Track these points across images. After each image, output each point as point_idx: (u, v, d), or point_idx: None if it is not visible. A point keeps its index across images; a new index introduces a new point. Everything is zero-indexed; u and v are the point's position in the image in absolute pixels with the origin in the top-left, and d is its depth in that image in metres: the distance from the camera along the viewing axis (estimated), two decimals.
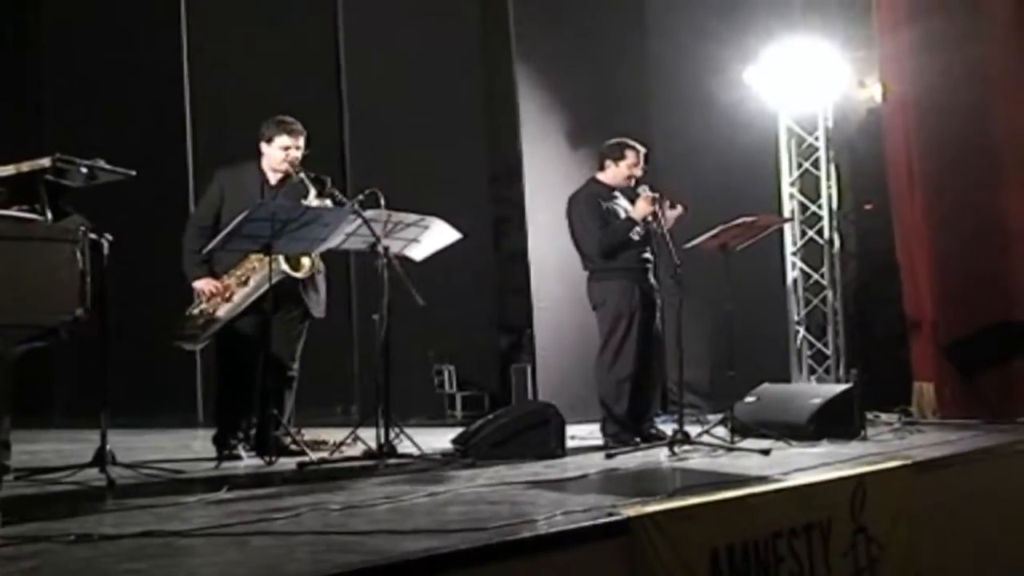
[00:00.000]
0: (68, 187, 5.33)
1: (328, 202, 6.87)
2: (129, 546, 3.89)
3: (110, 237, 5.80)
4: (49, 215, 5.06)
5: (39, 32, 11.84)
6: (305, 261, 6.90)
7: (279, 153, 7.01)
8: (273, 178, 7.10)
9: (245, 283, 6.89)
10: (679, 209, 7.46)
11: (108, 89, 11.06)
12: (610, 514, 4.44)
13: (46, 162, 5.15)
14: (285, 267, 6.76)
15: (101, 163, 5.43)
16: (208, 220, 7.03)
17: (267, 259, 6.68)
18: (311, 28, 11.05)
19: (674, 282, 7.25)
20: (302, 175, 6.95)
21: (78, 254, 4.96)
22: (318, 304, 7.14)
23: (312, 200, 6.83)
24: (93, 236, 5.38)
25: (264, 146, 7.07)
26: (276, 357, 6.92)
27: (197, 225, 7.07)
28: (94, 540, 3.96)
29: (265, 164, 7.11)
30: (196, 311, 6.96)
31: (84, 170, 5.33)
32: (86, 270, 4.99)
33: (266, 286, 6.74)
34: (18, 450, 5.60)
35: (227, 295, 6.90)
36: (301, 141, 7.04)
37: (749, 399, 8.03)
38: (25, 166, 5.16)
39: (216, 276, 6.96)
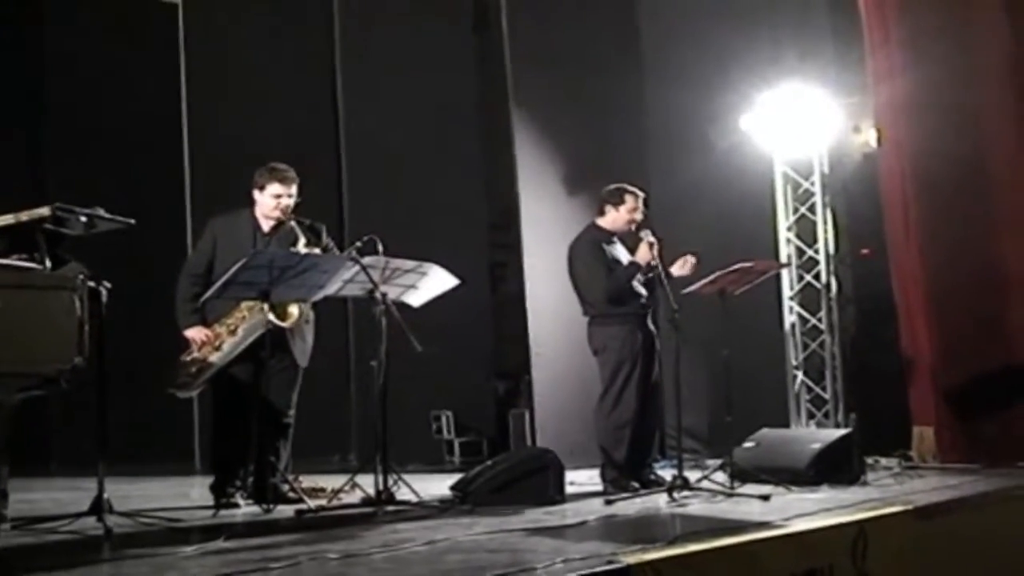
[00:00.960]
0: (67, 235, 5.33)
1: (317, 251, 6.87)
2: None
3: (108, 285, 5.80)
4: (48, 263, 5.06)
5: (39, 81, 11.86)
6: (293, 310, 6.88)
7: (271, 201, 7.03)
8: (266, 225, 7.11)
9: (234, 332, 6.90)
10: (690, 261, 7.48)
11: (107, 137, 11.07)
12: (610, 561, 4.42)
13: (45, 211, 5.17)
14: (271, 316, 6.74)
15: (100, 212, 5.44)
16: (200, 269, 7.05)
17: (255, 309, 6.70)
18: (309, 74, 11.09)
19: (672, 327, 7.27)
20: (292, 223, 6.96)
21: (77, 302, 4.97)
22: (303, 353, 7.13)
23: (301, 248, 6.83)
24: (92, 284, 5.39)
25: (256, 194, 7.10)
26: (271, 404, 6.91)
27: (190, 274, 7.09)
28: None
29: (258, 211, 7.13)
30: (188, 359, 6.96)
31: (83, 219, 5.34)
32: (84, 318, 4.99)
33: (253, 336, 6.77)
34: (15, 499, 5.59)
35: (217, 344, 6.90)
36: (293, 189, 7.06)
37: (748, 444, 8.01)
38: (24, 215, 5.18)
39: (207, 324, 6.96)
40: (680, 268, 7.53)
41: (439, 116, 10.50)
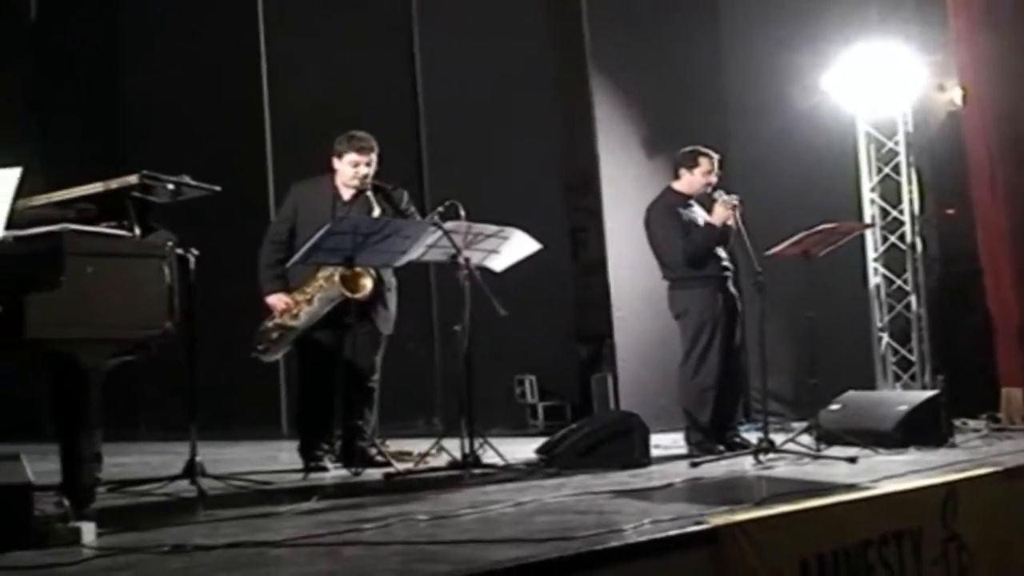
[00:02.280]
0: (155, 203, 5.38)
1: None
2: (222, 556, 3.93)
3: (196, 252, 5.89)
4: (137, 231, 5.11)
5: (120, 51, 12.00)
6: (365, 283, 6.89)
7: (349, 169, 7.09)
8: (346, 193, 7.17)
9: (310, 302, 6.96)
10: (731, 202, 7.40)
11: (190, 106, 11.19)
12: (698, 523, 4.41)
13: (133, 179, 5.20)
14: (342, 289, 6.79)
15: (187, 179, 5.48)
16: (283, 235, 7.14)
17: (331, 279, 6.77)
18: (387, 41, 11.10)
19: (756, 289, 7.22)
20: (368, 192, 7.00)
21: (166, 269, 5.01)
22: (387, 321, 7.18)
23: (375, 215, 6.87)
24: (179, 251, 5.45)
25: (336, 161, 7.16)
26: (355, 369, 6.97)
27: (272, 240, 7.18)
28: (188, 551, 4.01)
29: (338, 179, 7.18)
30: (270, 324, 7.04)
31: (170, 186, 5.37)
32: (173, 285, 5.04)
33: (329, 306, 6.88)
34: (108, 462, 5.64)
35: (295, 312, 6.96)
36: (372, 157, 7.10)
37: (834, 407, 7.94)
38: (113, 183, 5.22)
39: (289, 291, 7.05)
40: (722, 211, 7.43)
41: (517, 81, 10.47)
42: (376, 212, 6.91)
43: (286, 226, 7.17)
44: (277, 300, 7.04)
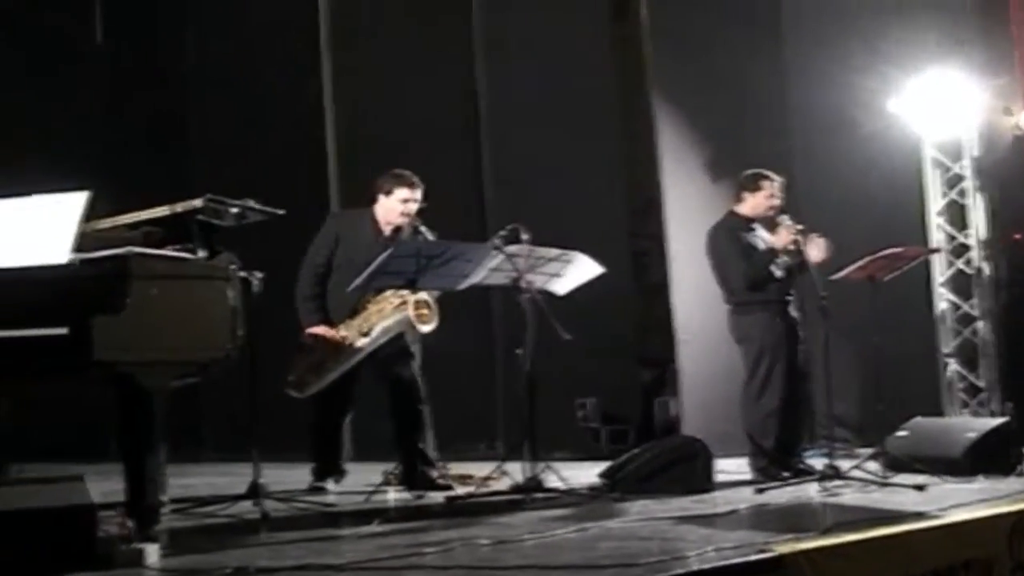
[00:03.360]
0: (219, 226, 5.42)
1: None
2: None
3: (259, 274, 5.92)
4: (202, 253, 5.15)
5: (186, 74, 12.12)
6: (428, 314, 6.93)
7: (399, 206, 7.13)
8: (387, 230, 7.22)
9: (367, 333, 6.94)
10: (821, 243, 7.34)
11: (255, 130, 11.28)
12: (762, 550, 4.36)
13: (199, 202, 5.25)
14: (415, 322, 6.82)
15: (251, 203, 5.53)
16: (323, 267, 7.17)
17: (387, 309, 6.80)
18: (449, 66, 11.12)
19: (820, 314, 7.15)
20: (421, 227, 7.05)
21: (229, 291, 5.05)
22: (418, 351, 7.19)
23: None
24: (243, 274, 5.49)
25: (382, 198, 7.20)
26: (400, 391, 7.02)
27: (313, 271, 7.19)
28: (251, 573, 4.01)
29: (380, 215, 7.22)
30: (311, 358, 7.02)
31: (235, 210, 5.43)
32: (237, 307, 5.07)
33: (387, 337, 6.91)
34: (172, 483, 5.69)
35: (348, 343, 6.94)
36: (419, 194, 7.15)
37: (901, 433, 7.83)
38: (179, 207, 5.27)
39: (330, 323, 7.02)
40: (816, 252, 7.38)
41: (578, 104, 10.45)
42: None
43: (326, 255, 7.19)
44: (324, 331, 7.01)
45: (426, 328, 6.93)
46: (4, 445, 5.19)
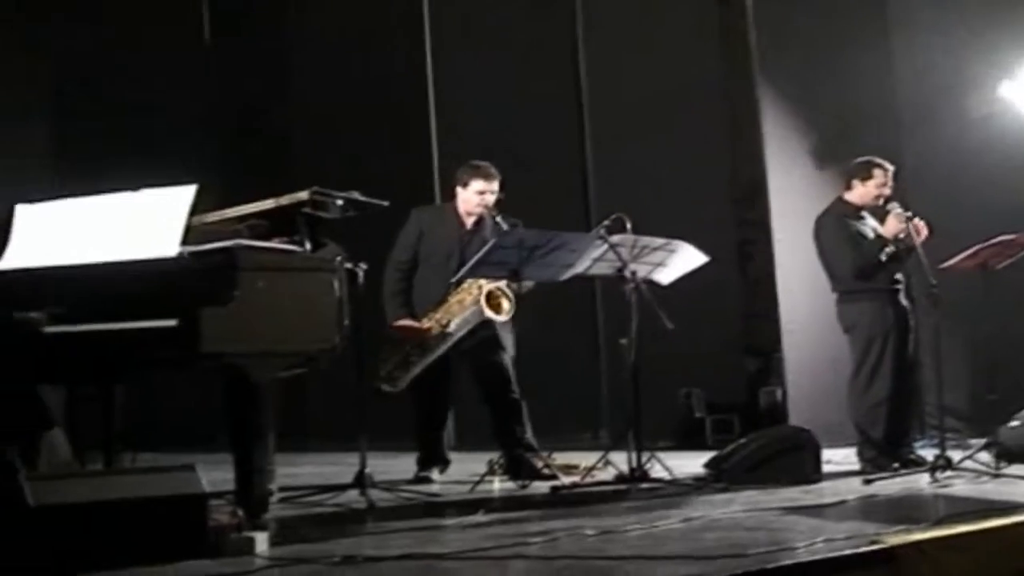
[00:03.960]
0: (324, 219, 5.47)
1: None
2: (392, 568, 3.97)
3: (364, 266, 5.97)
4: (308, 246, 5.20)
5: (290, 69, 12.24)
6: (505, 304, 6.95)
7: (475, 197, 7.17)
8: (468, 222, 7.26)
9: (446, 325, 6.98)
10: (920, 226, 7.22)
11: (359, 123, 11.36)
12: (873, 541, 4.30)
13: (304, 195, 5.31)
14: (488, 312, 6.85)
15: (356, 195, 5.57)
16: (408, 262, 7.25)
17: (467, 301, 6.86)
18: (554, 55, 11.12)
19: (931, 303, 7.03)
20: (497, 218, 7.06)
21: (335, 283, 5.09)
22: (512, 344, 7.22)
23: None
24: (349, 265, 5.54)
25: (460, 190, 7.27)
26: (493, 384, 7.06)
27: (397, 267, 7.27)
28: (358, 562, 4.04)
29: (460, 207, 7.28)
30: (397, 353, 7.08)
31: (340, 202, 5.47)
32: (343, 298, 5.11)
33: (466, 329, 6.97)
34: (279, 472, 5.79)
35: (430, 336, 6.99)
36: (495, 185, 7.19)
37: (1014, 423, 7.66)
38: (284, 199, 5.33)
39: (415, 317, 7.08)
40: (895, 223, 7.25)
41: (684, 93, 10.39)
42: None
43: (410, 251, 7.28)
44: (408, 324, 7.08)
45: (500, 318, 6.96)
46: (117, 435, 5.27)
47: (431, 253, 7.14)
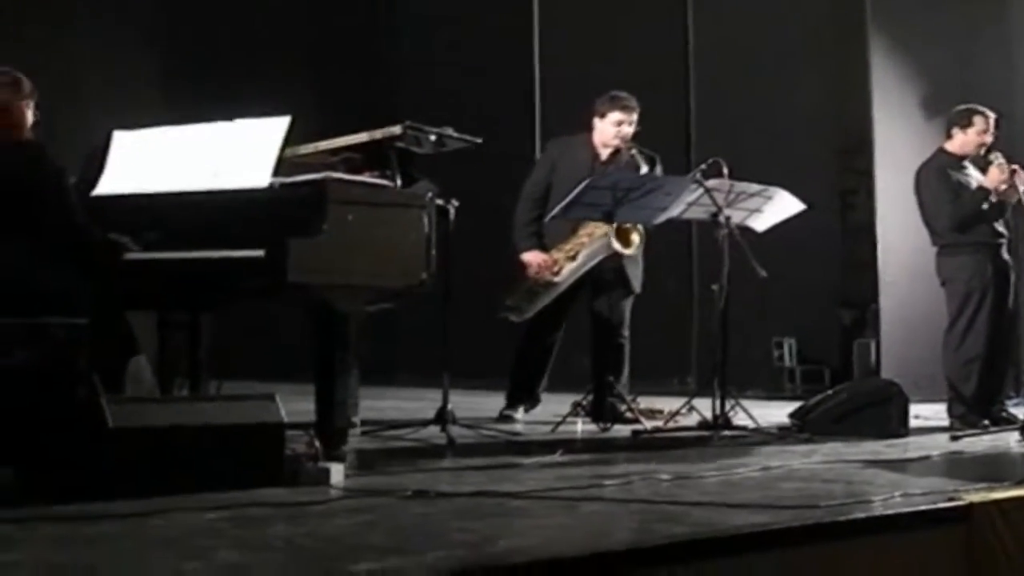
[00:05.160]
0: (417, 154, 5.49)
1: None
2: (463, 504, 3.99)
3: (456, 203, 5.98)
4: (399, 181, 5.22)
5: (391, 5, 12.27)
6: (635, 237, 6.93)
7: (612, 128, 7.10)
8: (604, 153, 7.21)
9: (573, 258, 6.99)
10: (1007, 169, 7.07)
11: (458, 58, 11.38)
12: (951, 499, 4.24)
13: (397, 129, 5.33)
14: (617, 245, 6.81)
15: (449, 131, 5.59)
16: (541, 192, 7.23)
17: (597, 234, 6.77)
18: (660, 1, 11.02)
19: None
20: (634, 150, 6.98)
21: (425, 220, 5.11)
22: (636, 278, 7.19)
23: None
24: (440, 202, 5.56)
25: (597, 121, 7.19)
26: (609, 325, 7.00)
27: (530, 198, 7.26)
28: (430, 497, 4.08)
29: (596, 139, 7.22)
30: (525, 283, 7.09)
31: (433, 137, 5.49)
32: (432, 235, 5.14)
33: (593, 261, 6.91)
34: (363, 406, 5.85)
35: (556, 269, 6.99)
36: (634, 117, 7.14)
37: None
38: (378, 133, 5.36)
39: (545, 249, 7.07)
40: (998, 174, 7.10)
41: (791, 38, 10.26)
42: (644, 170, 6.92)
43: (543, 183, 7.24)
44: (535, 256, 7.10)
45: (629, 252, 6.93)
46: (203, 363, 5.38)
47: (563, 184, 6.97)
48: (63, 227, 4.72)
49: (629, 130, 7.10)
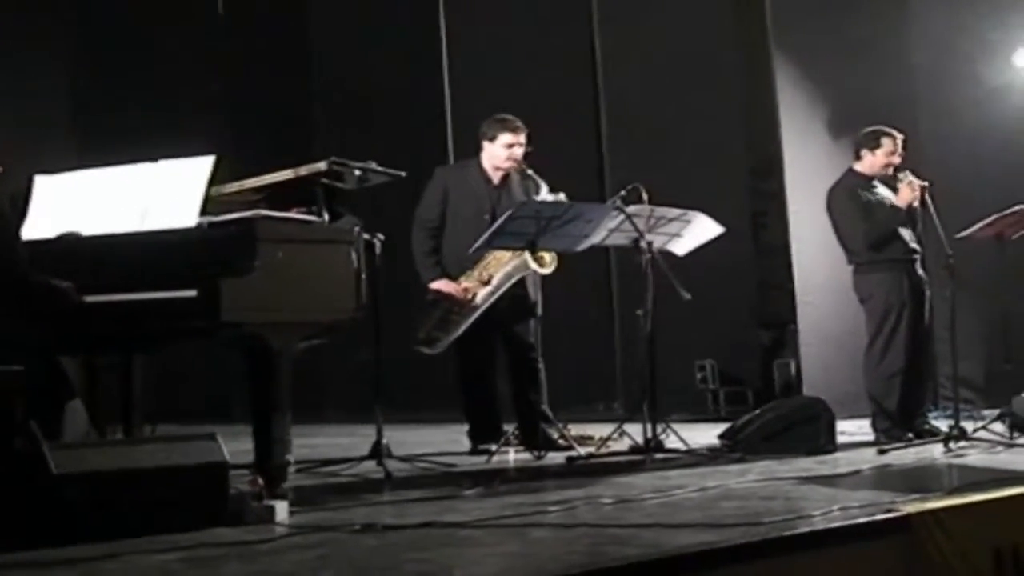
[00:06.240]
0: (342, 189, 5.49)
1: (562, 196, 6.89)
2: (412, 536, 4.00)
3: (382, 236, 5.98)
4: (326, 216, 5.22)
5: (307, 40, 12.25)
6: (548, 257, 6.93)
7: (503, 151, 7.09)
8: (496, 177, 7.20)
9: (487, 282, 6.96)
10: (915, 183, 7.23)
11: (375, 93, 11.39)
12: (889, 510, 4.32)
13: (322, 166, 5.32)
14: (533, 264, 6.82)
15: (373, 165, 5.59)
16: (435, 220, 7.18)
17: (503, 258, 6.83)
18: (566, 25, 11.10)
19: (946, 273, 7.04)
20: (529, 172, 7.00)
21: (353, 254, 5.11)
22: (539, 303, 7.18)
23: (545, 195, 6.87)
24: (366, 236, 5.55)
25: (487, 144, 7.18)
26: (524, 347, 7.04)
27: (425, 226, 7.19)
28: (378, 530, 4.07)
29: (487, 163, 7.21)
30: (439, 313, 7.05)
31: (357, 172, 5.49)
32: (361, 269, 5.13)
33: (508, 284, 6.89)
34: (296, 443, 5.78)
35: (468, 296, 6.97)
36: (523, 138, 7.11)
37: None
38: (303, 170, 5.35)
39: (450, 277, 7.05)
40: (908, 192, 7.25)
41: (699, 63, 10.36)
42: (544, 189, 6.91)
43: (437, 210, 7.18)
44: (444, 286, 7.01)
45: (544, 270, 6.94)
46: (136, 407, 5.31)
47: (459, 211, 7.03)
48: (5, 272, 4.63)
49: (520, 151, 7.07)
